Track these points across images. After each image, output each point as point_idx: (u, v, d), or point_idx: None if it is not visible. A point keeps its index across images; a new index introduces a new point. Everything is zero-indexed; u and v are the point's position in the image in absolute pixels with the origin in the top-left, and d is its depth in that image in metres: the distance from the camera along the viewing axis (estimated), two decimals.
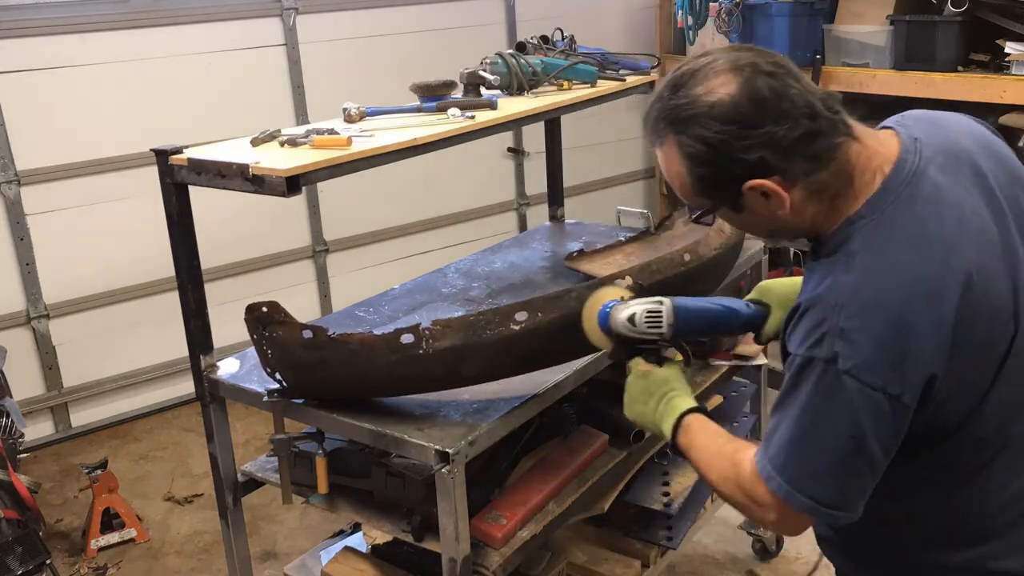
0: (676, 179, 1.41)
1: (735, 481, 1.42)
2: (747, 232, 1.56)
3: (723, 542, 3.28)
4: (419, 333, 1.87)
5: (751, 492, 1.39)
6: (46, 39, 3.83)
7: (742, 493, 1.41)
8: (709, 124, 1.31)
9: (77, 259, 4.04)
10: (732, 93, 1.31)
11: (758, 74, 1.33)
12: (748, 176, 1.32)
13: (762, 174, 1.32)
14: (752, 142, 1.30)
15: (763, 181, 1.32)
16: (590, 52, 2.89)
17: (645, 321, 1.63)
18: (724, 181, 1.34)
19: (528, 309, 1.89)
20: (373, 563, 2.34)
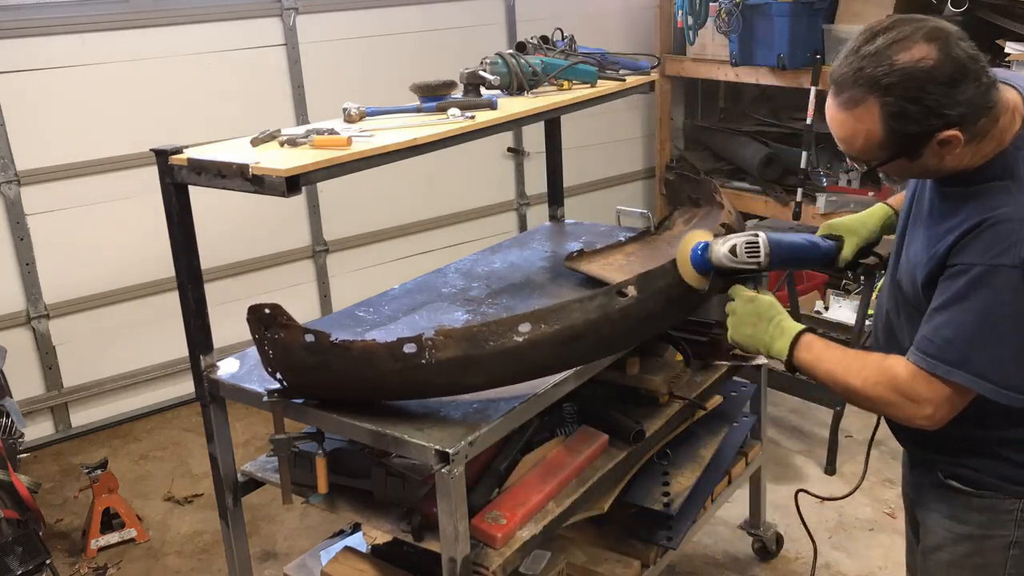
0: (861, 136, 1.58)
1: (888, 384, 1.60)
2: (898, 175, 1.71)
3: (723, 542, 3.28)
4: (422, 343, 1.87)
5: (909, 390, 1.58)
6: (46, 39, 3.83)
7: (896, 393, 1.59)
8: (926, 88, 1.50)
9: (77, 259, 4.04)
10: (937, 58, 1.50)
11: (952, 40, 1.52)
12: (943, 128, 1.52)
13: (952, 126, 1.52)
14: (954, 100, 1.51)
15: (953, 132, 1.52)
16: (590, 52, 2.89)
17: (745, 251, 1.80)
18: (921, 135, 1.54)
19: (531, 320, 1.89)
20: (373, 563, 2.34)
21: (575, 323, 1.91)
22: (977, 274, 1.52)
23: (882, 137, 1.56)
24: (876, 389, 1.63)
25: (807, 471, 3.70)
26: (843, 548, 3.24)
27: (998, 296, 1.51)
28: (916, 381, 1.58)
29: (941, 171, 1.62)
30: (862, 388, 1.65)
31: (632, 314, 1.99)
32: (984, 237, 1.53)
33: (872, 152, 1.60)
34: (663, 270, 2.06)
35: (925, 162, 1.59)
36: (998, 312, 1.52)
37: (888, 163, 1.61)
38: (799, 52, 4.46)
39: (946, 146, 1.54)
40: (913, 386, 1.59)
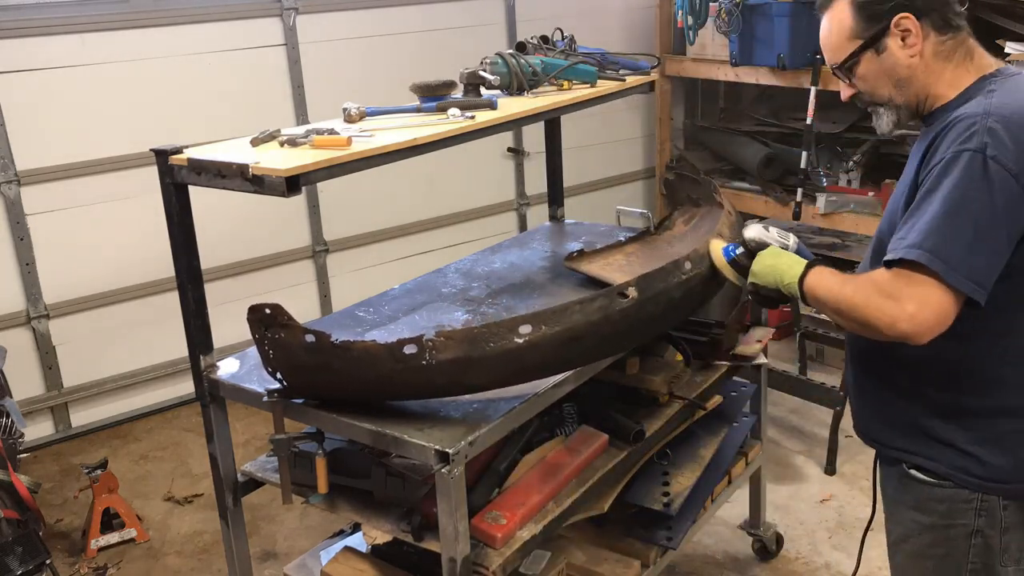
0: (835, 29, 1.77)
1: (871, 286, 1.64)
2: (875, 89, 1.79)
3: (723, 542, 3.28)
4: (422, 344, 1.87)
5: (890, 288, 1.60)
6: (46, 39, 3.83)
7: (879, 294, 1.62)
8: None
9: (77, 259, 4.04)
10: None
11: None
12: (898, 10, 1.69)
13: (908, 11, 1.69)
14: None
15: (908, 15, 1.68)
16: (590, 52, 2.89)
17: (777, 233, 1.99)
18: (878, 12, 1.70)
19: (532, 322, 1.90)
20: (373, 563, 2.34)
21: (575, 324, 1.92)
22: (942, 165, 1.60)
23: (850, 23, 1.74)
24: (860, 294, 1.65)
25: (807, 471, 3.71)
26: (843, 548, 3.23)
27: (960, 180, 1.57)
28: (894, 278, 1.60)
29: (914, 87, 1.74)
30: (851, 296, 1.67)
31: (632, 315, 1.99)
32: (953, 130, 1.62)
33: (843, 44, 1.76)
34: (664, 272, 2.06)
35: (892, 62, 1.73)
36: (962, 195, 1.57)
37: (858, 57, 1.75)
38: (799, 52, 4.46)
39: (907, 38, 1.70)
40: (892, 284, 1.60)
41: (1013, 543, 1.77)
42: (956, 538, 1.78)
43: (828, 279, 1.77)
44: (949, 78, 1.73)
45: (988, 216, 1.56)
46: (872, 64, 1.75)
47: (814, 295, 1.79)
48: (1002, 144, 1.56)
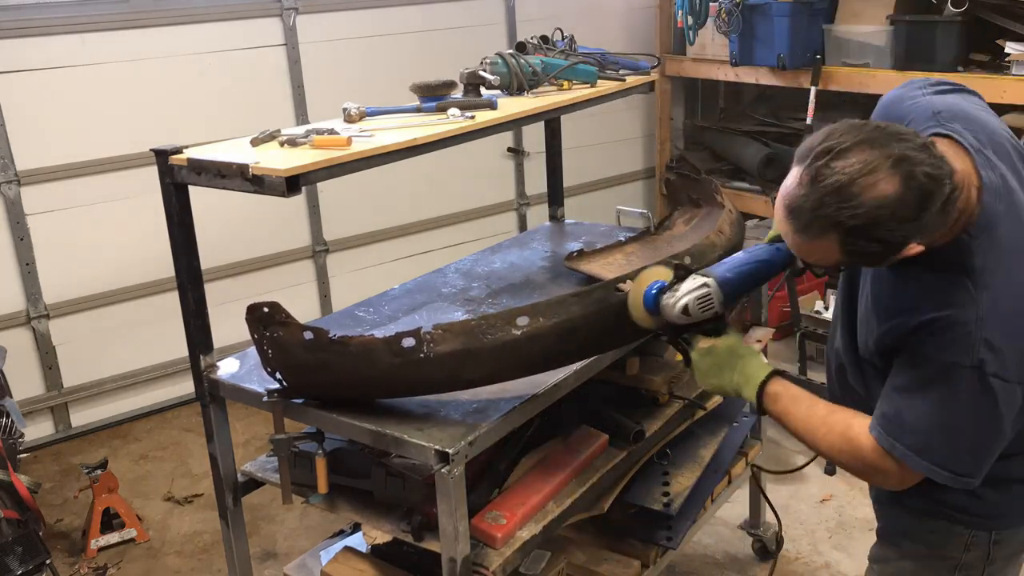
0: (818, 255, 1.53)
1: (853, 454, 1.62)
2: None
3: (723, 542, 3.28)
4: (420, 337, 1.87)
5: (874, 464, 1.60)
6: (46, 39, 3.83)
7: (863, 464, 1.62)
8: (886, 225, 1.42)
9: (77, 259, 4.04)
10: (901, 191, 1.40)
11: (915, 164, 1.41)
12: (902, 247, 1.46)
13: (912, 242, 1.46)
14: (916, 228, 1.44)
15: (915, 247, 1.46)
16: (590, 52, 2.89)
17: (699, 307, 1.75)
18: (875, 255, 1.48)
19: (529, 314, 1.89)
20: (373, 563, 2.34)
21: (573, 316, 1.91)
22: (936, 370, 1.52)
23: (840, 259, 1.51)
24: (842, 457, 1.65)
25: (807, 471, 3.70)
26: (843, 548, 3.23)
27: (956, 394, 1.51)
28: (880, 456, 1.59)
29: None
30: (828, 453, 1.67)
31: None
32: (943, 336, 1.50)
33: (826, 261, 1.55)
34: (664, 264, 2.06)
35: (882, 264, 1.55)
36: (956, 409, 1.52)
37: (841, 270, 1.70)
38: (799, 52, 4.46)
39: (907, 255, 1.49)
40: (877, 460, 1.60)
41: (996, 573, 1.77)
42: (940, 569, 1.77)
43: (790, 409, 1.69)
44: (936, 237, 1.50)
45: (994, 426, 1.53)
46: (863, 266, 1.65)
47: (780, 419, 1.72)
48: (1000, 355, 1.47)
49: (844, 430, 1.64)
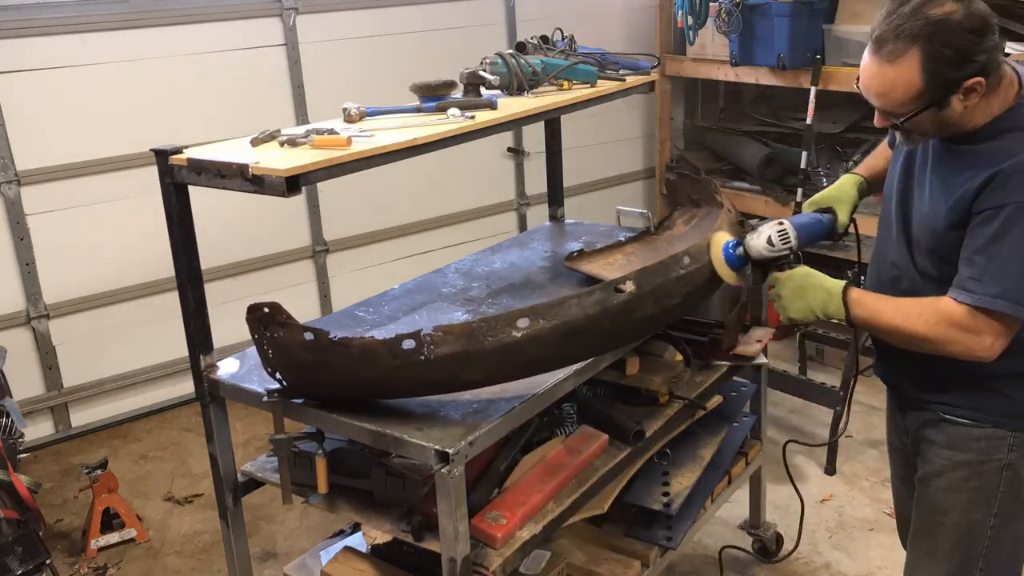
0: (901, 86, 1.74)
1: (947, 323, 1.76)
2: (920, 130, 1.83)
3: (723, 542, 3.28)
4: (420, 339, 1.87)
5: (969, 325, 1.74)
6: (46, 39, 3.83)
7: (957, 329, 1.75)
8: (959, 35, 1.70)
9: (77, 259, 4.04)
10: (964, 12, 1.71)
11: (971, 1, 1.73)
12: (973, 75, 1.71)
13: (979, 74, 1.72)
14: (983, 47, 1.72)
15: (978, 79, 1.72)
16: (590, 52, 2.89)
17: (779, 239, 1.98)
18: (954, 81, 1.72)
19: (530, 316, 1.89)
20: (373, 563, 2.34)
21: (573, 318, 1.91)
22: (1009, 214, 1.70)
23: (920, 85, 1.73)
24: (937, 329, 1.78)
25: (807, 471, 3.70)
26: (843, 548, 3.24)
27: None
28: (972, 316, 1.74)
29: (957, 126, 1.79)
30: (924, 331, 1.80)
31: (631, 310, 1.99)
32: (1011, 181, 1.71)
33: (907, 103, 1.76)
34: (662, 266, 2.06)
35: (948, 114, 1.76)
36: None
37: (918, 115, 1.76)
38: (799, 52, 4.46)
39: (970, 95, 1.73)
40: (970, 321, 1.74)
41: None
42: (989, 471, 1.96)
43: (880, 308, 1.86)
44: (983, 107, 1.78)
45: None
46: (928, 116, 1.78)
47: (868, 326, 1.89)
48: None
49: (931, 305, 1.80)
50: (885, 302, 1.87)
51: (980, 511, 1.98)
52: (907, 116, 1.78)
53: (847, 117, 4.80)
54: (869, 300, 1.88)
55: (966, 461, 1.98)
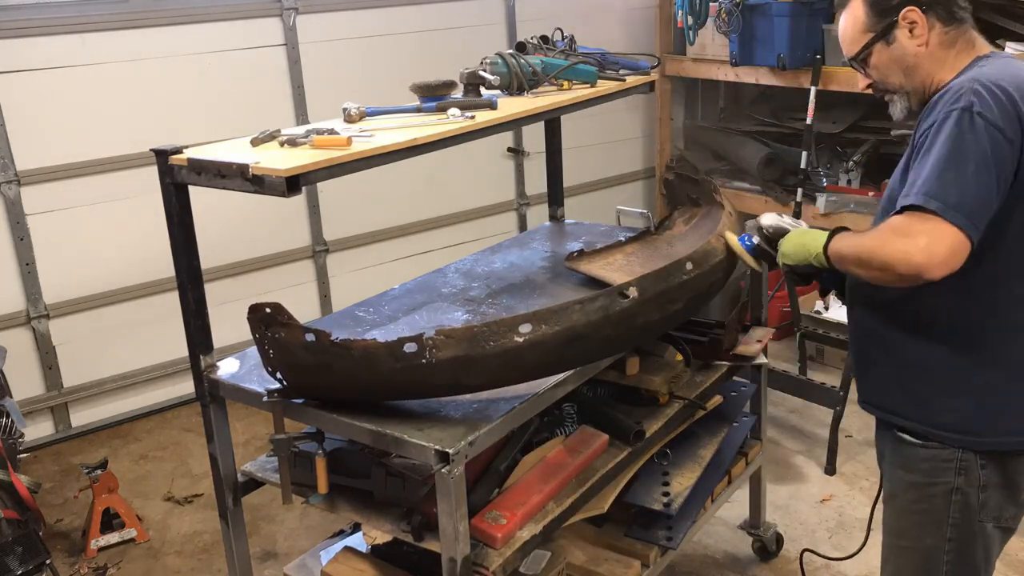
0: (851, 23, 1.95)
1: (887, 228, 1.76)
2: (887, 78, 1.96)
3: (723, 542, 3.28)
4: (422, 343, 1.87)
5: (903, 227, 1.72)
6: (46, 39, 3.83)
7: (894, 233, 1.74)
8: None
9: (77, 259, 4.04)
10: None
11: None
12: (906, 3, 1.86)
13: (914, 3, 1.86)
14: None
15: (915, 8, 1.86)
16: (590, 52, 2.89)
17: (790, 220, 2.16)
18: (888, 8, 1.88)
19: (532, 321, 1.89)
20: (373, 563, 2.34)
21: (576, 324, 1.92)
22: (940, 120, 1.75)
23: (864, 18, 1.92)
24: (878, 238, 1.77)
25: (807, 471, 3.71)
26: (843, 548, 3.23)
27: (951, 133, 1.72)
28: (907, 220, 1.73)
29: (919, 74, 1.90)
30: (870, 242, 1.79)
31: (633, 315, 1.99)
32: (947, 95, 1.78)
33: (858, 37, 1.94)
34: (665, 272, 2.06)
35: (903, 52, 1.89)
36: (954, 145, 1.71)
37: (870, 49, 1.92)
38: (799, 52, 4.46)
39: (914, 28, 1.87)
40: (905, 224, 1.72)
41: (991, 500, 1.89)
42: (937, 495, 1.91)
43: (849, 237, 1.90)
44: (951, 63, 1.88)
45: (977, 161, 1.70)
46: (883, 54, 1.92)
47: (839, 255, 1.90)
48: (987, 103, 1.72)
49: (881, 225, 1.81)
50: (857, 234, 1.90)
51: (932, 537, 1.94)
52: (861, 51, 1.94)
53: (847, 117, 4.80)
54: (847, 234, 1.92)
55: (914, 483, 1.95)
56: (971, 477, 1.88)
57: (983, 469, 1.87)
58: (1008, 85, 1.75)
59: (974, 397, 1.86)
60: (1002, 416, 1.86)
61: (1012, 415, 1.86)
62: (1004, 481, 1.88)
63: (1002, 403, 1.86)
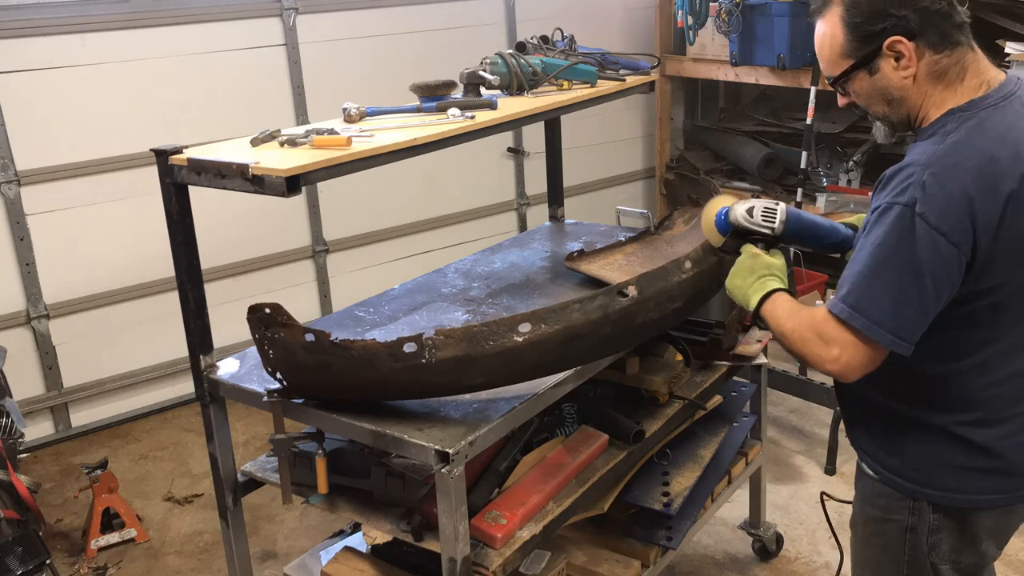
0: (827, 41, 1.71)
1: (808, 324, 1.69)
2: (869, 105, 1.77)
3: (723, 542, 3.28)
4: (422, 343, 1.87)
5: (823, 331, 1.66)
6: (46, 39, 3.83)
7: (812, 332, 1.67)
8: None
9: (77, 259, 4.04)
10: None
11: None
12: (891, 32, 1.63)
13: (902, 33, 1.63)
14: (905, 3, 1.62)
15: (901, 38, 1.62)
16: (590, 52, 2.89)
17: (761, 215, 1.91)
18: (871, 34, 1.65)
19: (532, 321, 1.89)
20: (373, 563, 2.34)
21: (575, 323, 1.92)
22: (880, 211, 1.61)
23: (842, 40, 1.68)
24: (798, 331, 1.71)
25: (807, 471, 3.71)
26: (843, 548, 3.23)
27: (887, 233, 1.58)
28: (827, 322, 1.65)
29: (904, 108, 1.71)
30: (792, 330, 1.73)
31: (632, 314, 1.99)
32: (895, 179, 1.62)
33: (836, 59, 1.71)
34: (664, 271, 2.06)
35: (886, 83, 1.68)
36: (888, 251, 1.58)
37: (851, 75, 1.71)
38: (799, 52, 4.46)
39: (900, 60, 1.65)
40: (825, 327, 1.65)
41: (943, 543, 1.81)
42: (892, 532, 1.86)
43: (779, 309, 1.79)
44: (938, 99, 1.68)
45: (912, 272, 1.57)
46: (865, 83, 1.71)
47: (767, 322, 1.82)
48: (932, 202, 1.56)
49: (811, 312, 1.72)
50: (789, 306, 1.78)
51: (888, 571, 1.89)
52: (839, 77, 1.72)
53: (847, 117, 4.80)
54: (781, 301, 1.80)
55: (872, 516, 1.90)
56: (922, 519, 1.80)
57: (934, 514, 1.79)
58: (967, 171, 1.57)
59: (921, 447, 1.78)
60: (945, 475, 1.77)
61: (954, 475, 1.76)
62: (960, 528, 1.79)
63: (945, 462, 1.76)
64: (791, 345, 1.74)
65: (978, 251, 1.58)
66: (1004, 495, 1.77)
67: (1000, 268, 1.61)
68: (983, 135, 1.61)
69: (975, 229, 1.57)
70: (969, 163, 1.57)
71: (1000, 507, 1.78)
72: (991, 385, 1.71)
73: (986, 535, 1.81)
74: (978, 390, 1.72)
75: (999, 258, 1.60)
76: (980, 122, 1.62)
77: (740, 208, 1.94)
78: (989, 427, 1.73)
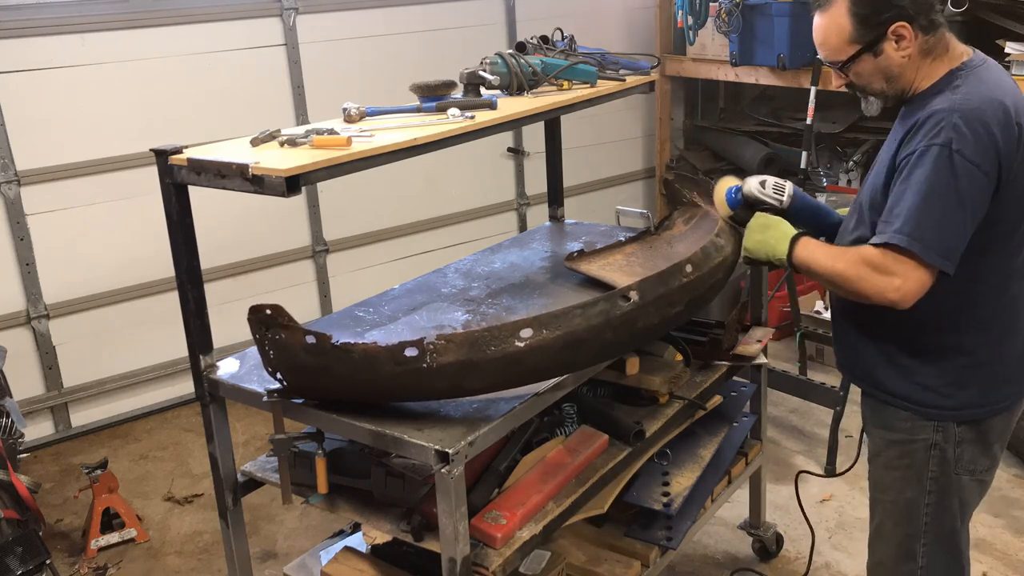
0: (833, 31, 1.94)
1: (862, 261, 1.87)
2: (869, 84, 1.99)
3: (723, 542, 3.28)
4: (423, 347, 1.87)
5: (879, 264, 1.85)
6: (46, 39, 3.83)
7: (869, 268, 1.86)
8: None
9: (77, 259, 4.04)
10: None
11: None
12: (895, 19, 1.88)
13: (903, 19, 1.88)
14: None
15: (904, 24, 1.88)
16: (590, 52, 2.89)
17: (772, 188, 2.17)
18: (876, 21, 1.89)
19: (533, 326, 1.89)
20: (373, 563, 2.34)
21: (577, 328, 1.91)
22: (915, 157, 1.84)
23: (849, 28, 1.92)
24: (853, 268, 1.89)
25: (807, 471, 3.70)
26: (843, 548, 3.24)
27: (930, 171, 1.81)
28: (883, 256, 1.85)
29: (899, 82, 1.95)
30: (843, 268, 1.91)
31: (634, 319, 1.99)
32: (926, 125, 1.84)
33: (842, 47, 1.94)
34: (666, 275, 2.06)
35: (887, 63, 1.93)
36: (932, 185, 1.81)
37: (856, 60, 1.94)
38: (799, 52, 4.46)
39: (901, 42, 1.90)
40: (881, 261, 1.85)
41: (965, 454, 2.04)
42: (918, 450, 2.06)
43: (817, 253, 1.99)
44: (927, 71, 1.94)
45: (955, 201, 1.81)
46: (868, 64, 1.95)
47: (805, 268, 2.01)
48: (965, 139, 1.80)
49: (856, 249, 1.92)
50: (825, 249, 1.99)
51: (913, 489, 2.09)
52: (847, 61, 1.94)
53: (847, 117, 4.80)
54: (812, 245, 2.01)
55: (897, 440, 2.09)
56: (947, 435, 2.03)
57: (959, 428, 2.02)
58: (986, 111, 1.82)
59: (956, 381, 1.99)
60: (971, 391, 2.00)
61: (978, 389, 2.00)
62: (978, 437, 2.03)
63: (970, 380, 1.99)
64: (844, 283, 1.91)
65: (1001, 179, 1.83)
66: (1010, 400, 2.05)
67: (1013, 195, 1.86)
68: (985, 85, 1.88)
69: (999, 160, 1.82)
70: (986, 106, 1.83)
71: (1008, 410, 2.05)
72: (1010, 303, 1.98)
73: (995, 438, 2.06)
74: (999, 308, 1.97)
75: (1013, 186, 1.85)
76: (977, 76, 1.90)
77: (753, 181, 2.18)
78: (1012, 338, 2.00)
